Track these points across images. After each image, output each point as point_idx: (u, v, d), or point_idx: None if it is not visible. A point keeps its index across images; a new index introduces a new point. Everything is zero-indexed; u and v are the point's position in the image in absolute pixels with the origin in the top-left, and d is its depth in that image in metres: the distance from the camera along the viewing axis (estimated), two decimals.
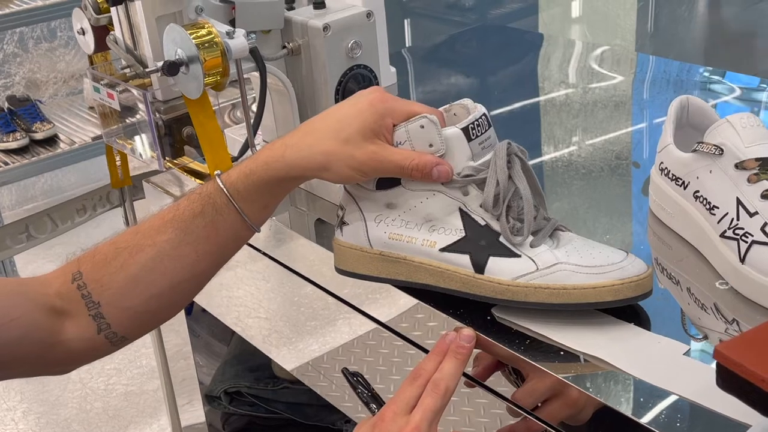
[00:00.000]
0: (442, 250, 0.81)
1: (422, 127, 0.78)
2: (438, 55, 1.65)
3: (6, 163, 2.32)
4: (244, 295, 1.13)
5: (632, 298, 0.76)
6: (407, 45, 3.27)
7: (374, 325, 0.93)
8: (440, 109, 0.83)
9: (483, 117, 0.79)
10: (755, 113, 1.26)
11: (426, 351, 0.87)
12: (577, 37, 3.15)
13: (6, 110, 2.44)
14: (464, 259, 0.80)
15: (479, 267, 0.79)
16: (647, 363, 0.72)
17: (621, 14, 2.94)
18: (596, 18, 3.08)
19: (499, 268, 0.79)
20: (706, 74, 1.40)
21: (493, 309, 0.81)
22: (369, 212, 0.83)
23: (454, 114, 0.83)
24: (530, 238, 0.79)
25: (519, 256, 0.78)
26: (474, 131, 0.79)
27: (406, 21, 3.39)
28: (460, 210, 0.80)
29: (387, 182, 0.81)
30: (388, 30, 1.31)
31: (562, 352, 0.76)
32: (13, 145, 2.36)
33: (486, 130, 0.80)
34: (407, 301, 0.87)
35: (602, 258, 0.77)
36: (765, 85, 1.36)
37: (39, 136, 2.41)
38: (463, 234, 0.80)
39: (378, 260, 0.84)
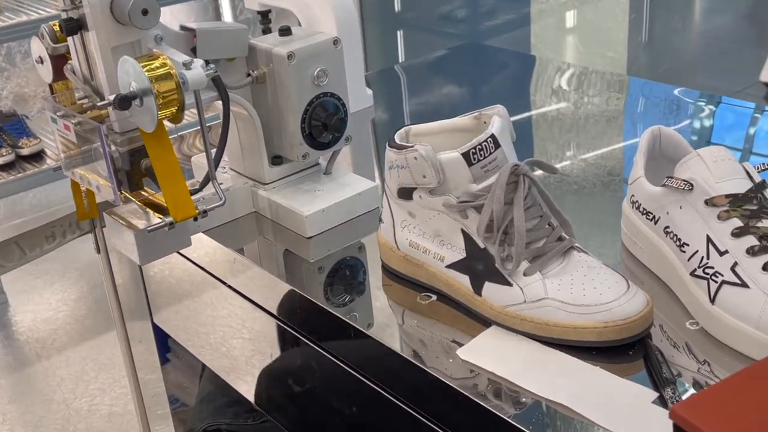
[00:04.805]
0: (448, 266, 0.84)
1: (416, 159, 0.80)
2: (430, 71, 1.63)
3: None
4: (228, 315, 1.10)
5: (618, 340, 0.75)
6: (401, 59, 3.25)
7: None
8: (471, 115, 0.85)
9: (489, 140, 0.79)
10: (748, 140, 1.24)
11: (385, 389, 0.84)
12: (569, 50, 3.13)
13: None
14: (465, 279, 0.82)
15: (477, 289, 0.81)
16: (612, 411, 0.69)
17: (613, 27, 2.91)
18: (588, 30, 3.06)
19: (492, 294, 0.80)
20: (702, 100, 1.37)
21: (458, 351, 0.79)
22: (397, 216, 0.88)
23: (484, 122, 0.84)
24: (526, 265, 0.79)
25: (511, 285, 0.79)
26: (476, 155, 0.79)
27: (399, 33, 3.38)
28: (462, 231, 0.82)
29: (405, 192, 0.85)
30: (382, 40, 1.29)
31: (524, 398, 0.73)
32: None
33: (491, 152, 0.79)
34: (369, 337, 0.84)
35: (593, 296, 0.76)
36: (758, 114, 1.33)
37: (25, 151, 2.40)
38: (465, 254, 0.82)
39: (403, 261, 0.89)
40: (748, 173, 0.78)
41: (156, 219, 0.88)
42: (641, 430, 0.67)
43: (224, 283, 1.05)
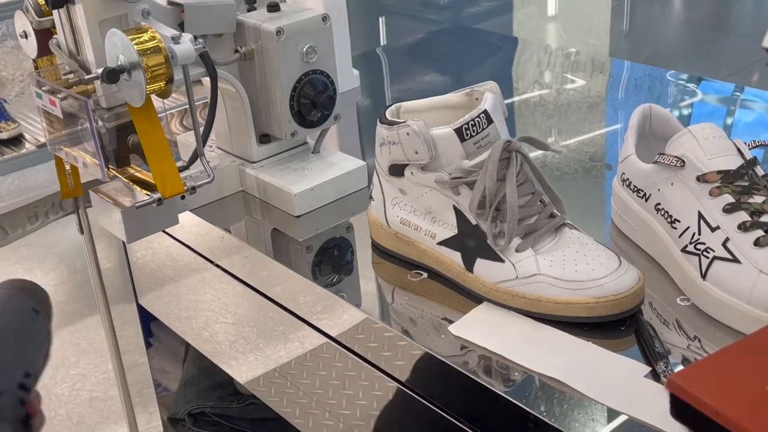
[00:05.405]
0: (440, 243, 0.83)
1: (408, 134, 0.80)
2: (412, 54, 1.62)
3: None
4: (211, 300, 1.10)
5: (610, 315, 0.75)
6: (382, 43, 3.24)
7: (327, 339, 0.90)
8: (463, 91, 0.84)
9: (482, 115, 0.79)
10: (729, 121, 1.25)
11: (376, 367, 0.84)
12: (551, 37, 3.13)
13: None
14: (456, 256, 0.82)
15: (469, 266, 0.81)
16: (605, 385, 0.69)
17: (595, 13, 2.92)
18: (571, 17, 3.06)
19: (484, 270, 0.80)
20: (682, 81, 1.38)
21: (450, 327, 0.79)
22: (388, 193, 0.87)
23: (476, 98, 0.83)
24: (518, 241, 0.78)
25: (503, 261, 0.78)
26: (468, 131, 0.78)
27: (380, 19, 3.37)
28: (454, 207, 0.81)
29: (397, 169, 0.84)
30: (363, 27, 1.28)
31: (517, 373, 0.73)
32: None
33: (484, 128, 0.79)
34: (359, 314, 0.84)
35: (586, 272, 0.76)
36: (738, 93, 1.34)
37: (3, 135, 2.36)
38: (456, 231, 0.82)
39: (394, 239, 0.88)
40: (739, 150, 0.78)
41: (143, 196, 0.87)
42: (634, 403, 0.67)
43: (211, 261, 1.04)
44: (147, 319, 1.40)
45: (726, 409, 0.50)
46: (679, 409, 0.55)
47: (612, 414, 0.67)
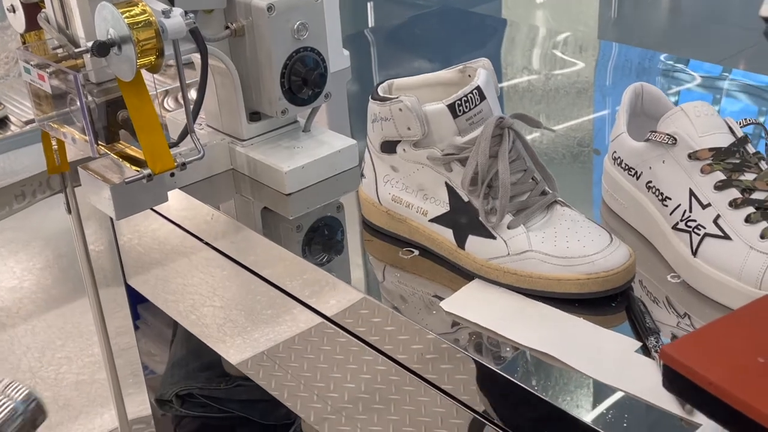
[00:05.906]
0: (431, 220, 0.83)
1: (400, 110, 0.79)
2: (400, 35, 1.62)
3: None
4: (199, 283, 1.09)
5: (601, 291, 0.75)
6: (370, 25, 3.23)
7: (317, 321, 0.90)
8: (456, 68, 0.84)
9: (474, 91, 0.78)
10: (717, 101, 1.25)
11: (372, 346, 0.84)
12: (540, 23, 3.13)
13: None
14: (448, 233, 0.82)
15: (460, 243, 0.81)
16: (597, 360, 0.70)
17: (584, 0, 2.92)
18: (559, 3, 3.06)
19: (476, 247, 0.80)
20: (670, 62, 1.38)
21: (441, 303, 0.79)
22: (379, 170, 0.87)
23: (468, 75, 0.83)
24: (510, 218, 0.79)
25: (494, 238, 0.79)
26: (461, 107, 0.78)
27: (369, 5, 3.35)
28: (446, 184, 0.81)
29: (389, 146, 0.84)
30: (351, 11, 1.26)
31: (508, 348, 0.73)
32: None
33: (476, 105, 0.79)
34: (352, 296, 0.84)
35: (577, 248, 0.76)
36: (727, 74, 1.34)
37: None
38: (448, 208, 0.82)
39: (385, 216, 0.88)
40: (730, 128, 0.79)
41: (133, 172, 0.86)
42: (625, 378, 0.67)
43: (200, 240, 1.04)
44: (134, 302, 1.40)
45: (719, 380, 0.51)
46: (672, 380, 0.56)
47: (603, 388, 0.68)
